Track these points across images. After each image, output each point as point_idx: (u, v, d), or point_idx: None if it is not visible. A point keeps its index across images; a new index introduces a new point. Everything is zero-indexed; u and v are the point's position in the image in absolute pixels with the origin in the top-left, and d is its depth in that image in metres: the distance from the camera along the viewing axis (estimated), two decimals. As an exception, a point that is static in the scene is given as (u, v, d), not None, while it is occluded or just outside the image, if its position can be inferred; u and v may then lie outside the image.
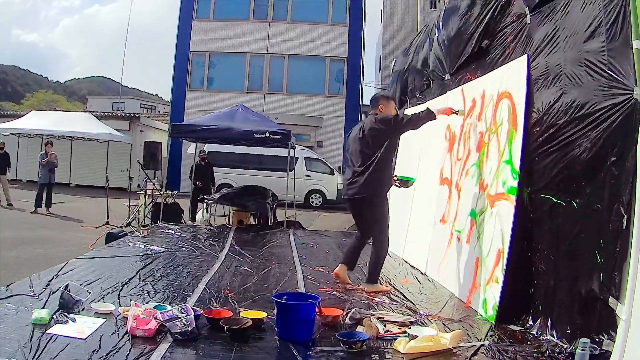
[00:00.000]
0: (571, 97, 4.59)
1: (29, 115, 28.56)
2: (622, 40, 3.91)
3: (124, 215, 14.88)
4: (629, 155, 3.75)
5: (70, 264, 7.09)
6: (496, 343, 4.52)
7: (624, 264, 3.71)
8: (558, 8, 4.94)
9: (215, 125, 13.74)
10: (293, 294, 5.23)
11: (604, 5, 4.14)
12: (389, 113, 6.74)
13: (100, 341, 4.14)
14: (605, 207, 3.99)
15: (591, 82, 4.28)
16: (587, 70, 4.34)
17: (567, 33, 4.74)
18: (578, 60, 4.50)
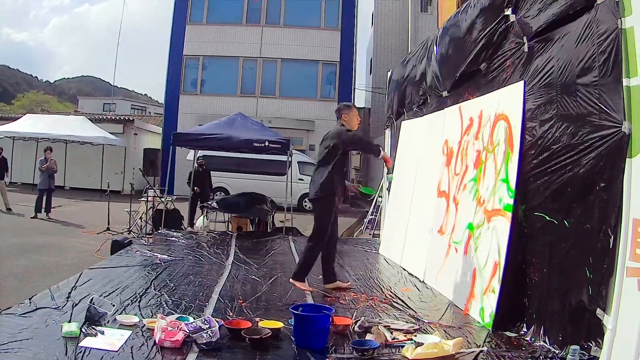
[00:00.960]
0: (564, 124, 4.99)
1: (24, 118, 28.84)
2: (614, 77, 4.26)
3: (123, 220, 15.12)
4: (617, 182, 4.13)
5: (86, 275, 7.37)
6: (494, 349, 4.91)
7: (610, 279, 4.11)
8: (555, 39, 5.30)
9: (215, 134, 14.08)
10: (308, 305, 5.64)
11: (597, 42, 4.50)
12: (352, 122, 7.43)
13: (132, 353, 4.43)
14: (595, 227, 4.40)
15: (583, 113, 4.66)
16: (580, 102, 4.72)
17: (562, 64, 5.11)
18: (572, 91, 4.88)
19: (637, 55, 4.05)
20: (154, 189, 14.90)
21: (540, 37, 5.58)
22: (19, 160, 27.84)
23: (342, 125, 7.39)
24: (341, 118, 7.44)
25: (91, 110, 53.03)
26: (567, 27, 5.05)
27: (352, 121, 7.45)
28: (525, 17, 5.85)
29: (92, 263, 9.15)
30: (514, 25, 6.14)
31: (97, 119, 31.55)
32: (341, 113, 7.46)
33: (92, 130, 27.69)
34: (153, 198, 14.69)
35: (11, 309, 5.45)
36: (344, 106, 7.57)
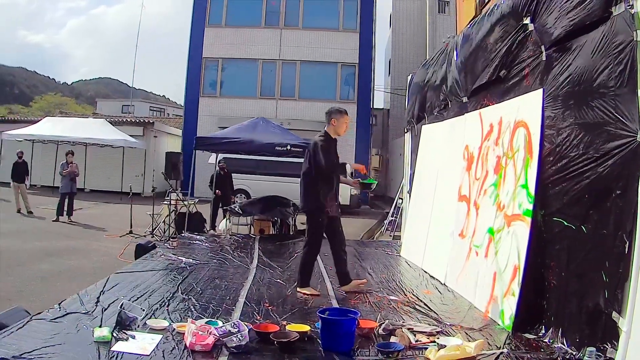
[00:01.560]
0: (581, 132, 5.13)
1: (43, 121, 29.17)
2: (629, 88, 4.38)
3: (145, 223, 15.34)
4: (632, 190, 4.27)
5: (113, 279, 7.56)
6: (513, 350, 5.06)
7: (626, 283, 4.25)
8: (572, 49, 5.42)
9: (238, 138, 14.30)
10: (334, 309, 5.84)
11: (613, 53, 4.63)
12: (340, 128, 7.59)
13: (163, 357, 4.62)
14: (611, 233, 4.54)
15: (600, 122, 4.80)
16: (597, 111, 4.86)
17: (579, 73, 5.24)
18: (588, 100, 5.02)
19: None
20: (177, 192, 15.09)
21: (558, 46, 5.70)
22: (38, 163, 28.17)
23: (325, 133, 7.59)
24: (330, 122, 7.59)
25: (109, 112, 53.34)
26: (585, 37, 5.17)
27: (340, 127, 7.60)
28: (543, 26, 5.96)
29: (116, 267, 9.34)
30: (532, 33, 6.26)
31: (116, 121, 31.88)
32: (331, 117, 7.59)
33: (112, 133, 27.94)
34: (176, 201, 14.89)
35: (41, 314, 5.61)
36: (335, 110, 7.67)
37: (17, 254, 11.32)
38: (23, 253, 11.51)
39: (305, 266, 7.58)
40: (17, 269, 9.96)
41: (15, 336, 4.86)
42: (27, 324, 5.22)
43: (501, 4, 7.06)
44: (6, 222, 16.18)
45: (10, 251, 11.63)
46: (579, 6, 5.17)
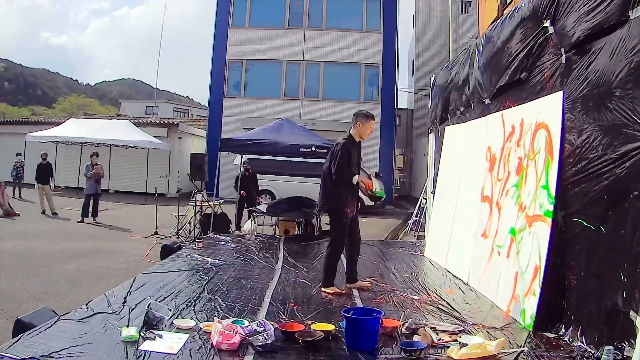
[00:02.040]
0: (600, 134, 5.20)
1: (67, 123, 29.49)
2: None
3: (170, 224, 15.53)
4: (649, 192, 4.35)
5: (139, 280, 7.75)
6: (534, 349, 5.15)
7: None
8: (591, 52, 5.48)
9: (263, 140, 14.46)
10: (358, 309, 5.97)
11: (631, 56, 4.71)
12: (364, 131, 7.76)
13: (190, 356, 4.76)
14: (629, 234, 4.60)
15: (618, 124, 4.87)
16: (615, 113, 4.93)
17: (598, 76, 5.31)
18: (607, 102, 5.09)
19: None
20: (202, 193, 15.26)
21: (578, 48, 5.76)
22: (62, 164, 28.70)
23: (349, 135, 7.78)
24: (355, 125, 7.76)
25: (133, 113, 53.73)
26: (603, 40, 5.23)
27: (364, 131, 7.77)
28: (563, 29, 6.03)
29: (142, 267, 9.57)
30: (552, 36, 6.33)
31: (140, 122, 32.23)
32: (357, 120, 7.78)
33: (137, 134, 28.22)
34: (201, 202, 15.07)
35: (69, 314, 5.79)
36: (362, 114, 7.82)
37: (43, 255, 11.57)
38: (49, 254, 11.75)
39: (329, 266, 7.72)
40: (44, 270, 10.17)
41: (43, 336, 5.01)
42: (54, 324, 5.39)
43: (522, 7, 7.13)
44: (31, 224, 16.55)
45: (37, 252, 11.89)
46: (597, 9, 5.24)
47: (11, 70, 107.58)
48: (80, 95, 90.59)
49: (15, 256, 11.28)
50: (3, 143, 31.43)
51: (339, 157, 7.47)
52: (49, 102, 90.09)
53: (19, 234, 14.43)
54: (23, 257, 11.26)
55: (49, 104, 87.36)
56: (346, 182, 7.59)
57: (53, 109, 77.82)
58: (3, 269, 9.99)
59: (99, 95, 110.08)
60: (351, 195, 7.73)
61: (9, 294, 8.36)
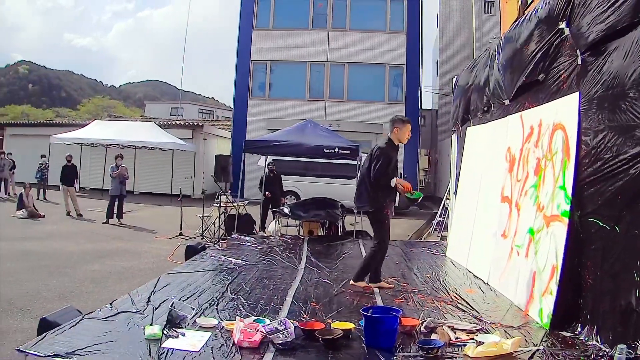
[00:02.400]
0: (615, 135, 5.26)
1: (91, 125, 29.73)
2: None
3: (194, 225, 15.66)
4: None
5: (164, 279, 7.89)
6: (549, 347, 5.22)
7: None
8: (606, 53, 5.54)
9: (286, 141, 14.59)
10: (378, 308, 6.05)
11: (639, 57, 4.81)
12: (402, 136, 7.93)
13: (212, 353, 4.86)
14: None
15: (631, 124, 4.93)
16: (629, 114, 4.99)
17: (612, 77, 5.36)
18: (621, 103, 5.14)
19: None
20: (227, 195, 15.41)
21: (593, 50, 5.82)
22: (87, 166, 28.89)
23: (389, 140, 7.92)
24: (393, 130, 7.93)
25: (158, 114, 54.09)
26: (617, 42, 5.30)
27: (402, 135, 7.96)
28: (578, 30, 6.08)
29: (166, 268, 9.71)
30: (568, 38, 6.39)
31: (165, 124, 32.60)
32: (394, 125, 7.95)
33: (162, 135, 28.42)
34: (225, 203, 15.22)
35: (94, 313, 5.94)
36: (398, 119, 8.00)
37: (68, 256, 11.78)
38: (74, 255, 11.96)
39: (368, 265, 7.92)
40: (69, 270, 10.36)
41: (67, 334, 5.15)
42: (79, 323, 5.53)
43: (539, 9, 7.19)
44: (56, 225, 16.83)
45: (62, 253, 12.10)
46: (610, 11, 5.30)
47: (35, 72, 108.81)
48: (104, 96, 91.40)
49: (40, 257, 11.50)
50: (27, 145, 31.82)
51: (381, 161, 7.64)
52: (73, 103, 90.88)
53: (44, 235, 14.68)
54: (48, 257, 11.47)
55: (73, 105, 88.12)
56: (385, 185, 7.75)
57: (77, 111, 78.40)
58: (28, 269, 10.23)
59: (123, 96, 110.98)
60: (389, 197, 7.96)
61: (33, 294, 8.56)
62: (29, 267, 10.42)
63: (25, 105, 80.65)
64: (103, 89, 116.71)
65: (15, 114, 71.32)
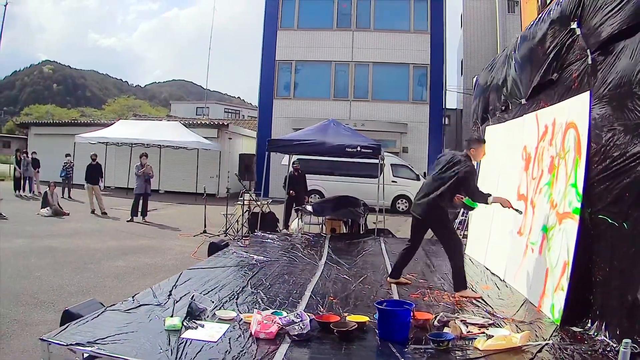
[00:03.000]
0: (623, 133, 5.36)
1: (117, 124, 30.11)
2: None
3: (219, 223, 15.86)
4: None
5: (185, 274, 8.10)
6: (559, 342, 5.34)
7: None
8: (615, 52, 5.64)
9: (309, 140, 14.72)
10: (391, 301, 6.19)
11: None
12: (478, 156, 7.87)
13: (229, 343, 5.04)
14: (648, 230, 4.79)
15: (639, 123, 5.05)
16: (636, 112, 5.09)
17: (621, 76, 5.46)
18: (629, 102, 5.24)
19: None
20: (250, 193, 15.61)
21: (602, 49, 5.92)
22: (112, 165, 29.17)
23: (467, 156, 7.80)
24: (469, 149, 7.87)
25: (184, 114, 54.34)
26: (625, 41, 5.41)
27: (478, 155, 7.93)
28: (588, 30, 6.18)
29: (189, 264, 9.86)
30: (579, 37, 6.49)
31: (190, 124, 32.84)
32: (471, 146, 7.89)
33: (187, 135, 28.62)
34: (249, 201, 15.43)
35: (115, 305, 6.14)
36: (475, 140, 8.02)
37: (93, 253, 12.00)
38: (98, 252, 12.18)
39: (459, 269, 7.77)
40: (93, 267, 10.59)
41: (90, 325, 5.35)
42: (101, 314, 5.74)
43: (552, 9, 7.30)
44: (81, 223, 17.10)
45: (86, 250, 12.34)
46: (619, 11, 5.42)
47: (60, 72, 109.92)
48: (130, 96, 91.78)
49: (65, 253, 11.73)
50: (52, 144, 32.17)
51: (473, 181, 7.73)
52: (98, 103, 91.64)
53: (69, 232, 14.93)
54: (72, 254, 11.70)
55: (98, 105, 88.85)
56: (451, 199, 7.86)
57: (102, 111, 78.89)
58: (52, 265, 10.48)
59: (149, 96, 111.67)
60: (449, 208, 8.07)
61: (57, 288, 8.80)
62: (53, 263, 10.66)
63: (49, 105, 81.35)
64: (128, 88, 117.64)
65: (40, 113, 72.02)
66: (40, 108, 78.15)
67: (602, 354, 5.01)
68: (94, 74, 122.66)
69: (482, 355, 4.95)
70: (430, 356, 4.94)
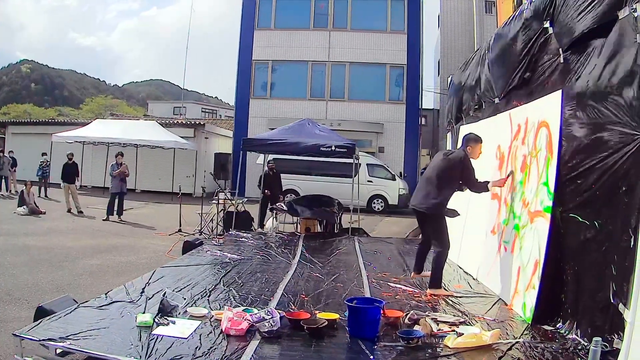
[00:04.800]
0: (594, 132, 5.37)
1: (94, 123, 29.81)
2: (634, 88, 4.62)
3: (194, 222, 15.72)
4: (637, 187, 4.49)
5: (159, 272, 8.11)
6: (529, 340, 5.35)
7: (631, 276, 4.44)
8: (585, 51, 5.68)
9: (284, 140, 14.66)
10: (362, 299, 6.19)
11: (619, 55, 4.90)
12: (474, 154, 7.88)
13: (200, 340, 5.08)
14: (618, 228, 4.77)
15: (609, 121, 5.04)
16: (606, 110, 5.11)
17: (592, 75, 5.49)
18: (599, 100, 5.26)
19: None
20: (225, 192, 15.53)
21: (574, 48, 5.96)
22: (89, 164, 28.73)
23: (464, 152, 7.88)
24: (466, 148, 7.92)
25: (161, 114, 54.01)
26: (595, 40, 5.43)
27: (474, 153, 7.94)
28: (561, 29, 6.21)
29: (163, 263, 9.82)
30: (552, 37, 6.52)
31: (167, 123, 32.57)
32: (468, 144, 7.94)
33: (163, 134, 28.44)
34: (224, 201, 15.37)
35: (89, 302, 6.16)
36: (472, 139, 8.02)
37: (68, 251, 11.86)
38: (74, 250, 12.04)
39: (440, 267, 7.82)
40: (67, 265, 10.47)
41: (63, 321, 5.39)
42: (74, 311, 5.77)
43: (525, 9, 7.32)
44: (57, 221, 16.89)
45: (62, 248, 12.19)
46: (590, 10, 5.43)
47: (38, 71, 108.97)
48: (107, 96, 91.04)
49: (40, 251, 11.59)
50: (29, 143, 31.87)
51: (471, 174, 7.81)
52: (76, 103, 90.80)
53: (45, 231, 14.73)
54: (47, 252, 11.56)
55: (76, 105, 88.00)
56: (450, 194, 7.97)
57: (80, 110, 78.22)
58: (28, 263, 10.34)
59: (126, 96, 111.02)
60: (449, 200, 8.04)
61: (32, 286, 8.69)
62: (29, 261, 10.53)
63: (27, 104, 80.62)
64: (106, 88, 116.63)
65: (18, 112, 71.25)
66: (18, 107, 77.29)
67: (573, 352, 5.02)
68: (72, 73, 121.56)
69: (452, 353, 4.95)
70: (399, 353, 4.95)
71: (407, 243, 12.79)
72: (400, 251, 11.41)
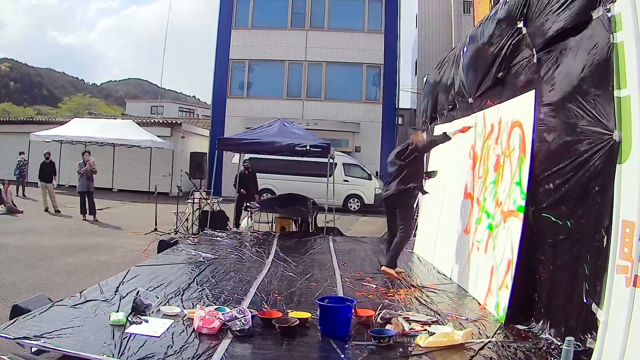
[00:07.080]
0: (567, 132, 5.38)
1: (71, 122, 29.59)
2: (607, 88, 4.61)
3: (170, 222, 15.63)
4: (609, 186, 4.48)
5: (133, 271, 8.08)
6: (502, 340, 5.34)
7: (604, 276, 4.46)
8: (559, 52, 5.70)
9: (259, 139, 14.61)
10: (334, 298, 6.16)
11: (593, 55, 4.90)
12: (419, 140, 8.69)
13: (172, 338, 5.07)
14: (591, 228, 4.78)
15: (581, 121, 5.04)
16: (579, 111, 5.10)
17: (564, 75, 5.51)
18: (572, 100, 5.26)
19: (627, 68, 4.39)
20: (200, 191, 15.47)
21: (547, 49, 5.98)
22: (66, 163, 28.50)
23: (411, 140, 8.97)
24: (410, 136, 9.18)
25: (139, 113, 53.68)
26: (569, 40, 5.44)
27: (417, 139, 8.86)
28: (534, 29, 6.23)
29: (139, 262, 9.74)
30: (525, 37, 6.53)
31: (144, 122, 32.31)
32: (410, 134, 9.54)
33: (140, 133, 28.32)
34: (199, 200, 15.28)
35: (63, 301, 6.15)
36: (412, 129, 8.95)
37: (45, 250, 11.73)
38: (50, 249, 11.91)
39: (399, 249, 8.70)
40: (44, 263, 10.36)
41: (37, 319, 5.37)
42: (49, 309, 5.76)
43: (499, 9, 7.33)
44: (34, 221, 16.68)
45: (38, 247, 12.04)
46: (564, 10, 5.45)
47: (16, 69, 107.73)
48: (85, 95, 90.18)
49: (18, 250, 11.46)
50: (7, 142, 31.74)
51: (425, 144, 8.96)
52: (54, 101, 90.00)
53: (22, 230, 14.56)
54: (25, 251, 11.42)
55: (54, 103, 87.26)
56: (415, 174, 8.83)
57: (58, 109, 77.59)
58: (5, 262, 10.22)
59: (104, 95, 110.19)
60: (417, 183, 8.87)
61: (9, 285, 8.58)
62: (5, 260, 10.42)
63: (6, 103, 79.78)
64: (84, 87, 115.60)
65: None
66: (-4, 106, 76.68)
67: (546, 352, 5.02)
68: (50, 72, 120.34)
69: (424, 352, 4.94)
70: (370, 352, 4.94)
71: (382, 242, 12.78)
72: (374, 251, 11.44)
